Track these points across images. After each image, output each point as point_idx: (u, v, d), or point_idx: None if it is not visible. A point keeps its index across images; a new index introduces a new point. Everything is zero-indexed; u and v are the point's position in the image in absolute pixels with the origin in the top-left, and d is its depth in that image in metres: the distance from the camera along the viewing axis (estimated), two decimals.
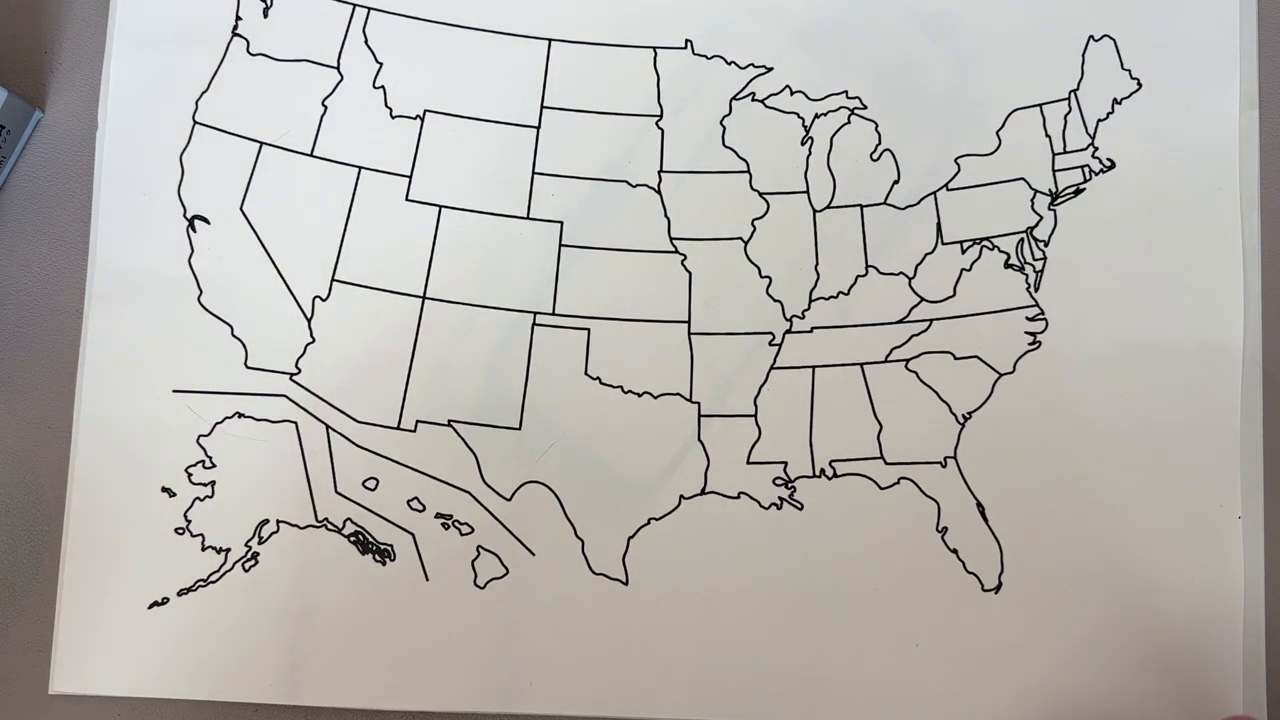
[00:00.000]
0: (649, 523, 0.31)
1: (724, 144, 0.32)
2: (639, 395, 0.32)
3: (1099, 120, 0.33)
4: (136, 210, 0.32)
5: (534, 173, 0.32)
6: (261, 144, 0.32)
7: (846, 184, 0.32)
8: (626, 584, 0.31)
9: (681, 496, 0.31)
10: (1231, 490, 0.31)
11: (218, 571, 0.31)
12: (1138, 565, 0.31)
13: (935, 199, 0.32)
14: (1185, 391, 0.32)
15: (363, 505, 0.31)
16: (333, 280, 0.32)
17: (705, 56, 0.33)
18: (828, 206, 0.32)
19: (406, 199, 0.32)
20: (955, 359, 0.32)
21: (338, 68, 0.33)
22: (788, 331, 0.32)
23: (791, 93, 0.33)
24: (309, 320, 0.32)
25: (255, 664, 0.31)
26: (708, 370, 0.32)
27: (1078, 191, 0.32)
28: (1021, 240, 0.32)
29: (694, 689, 0.31)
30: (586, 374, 0.32)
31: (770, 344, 0.32)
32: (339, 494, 0.31)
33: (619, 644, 0.31)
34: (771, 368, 0.32)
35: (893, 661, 0.31)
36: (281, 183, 0.32)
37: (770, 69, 0.33)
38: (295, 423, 0.32)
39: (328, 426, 0.32)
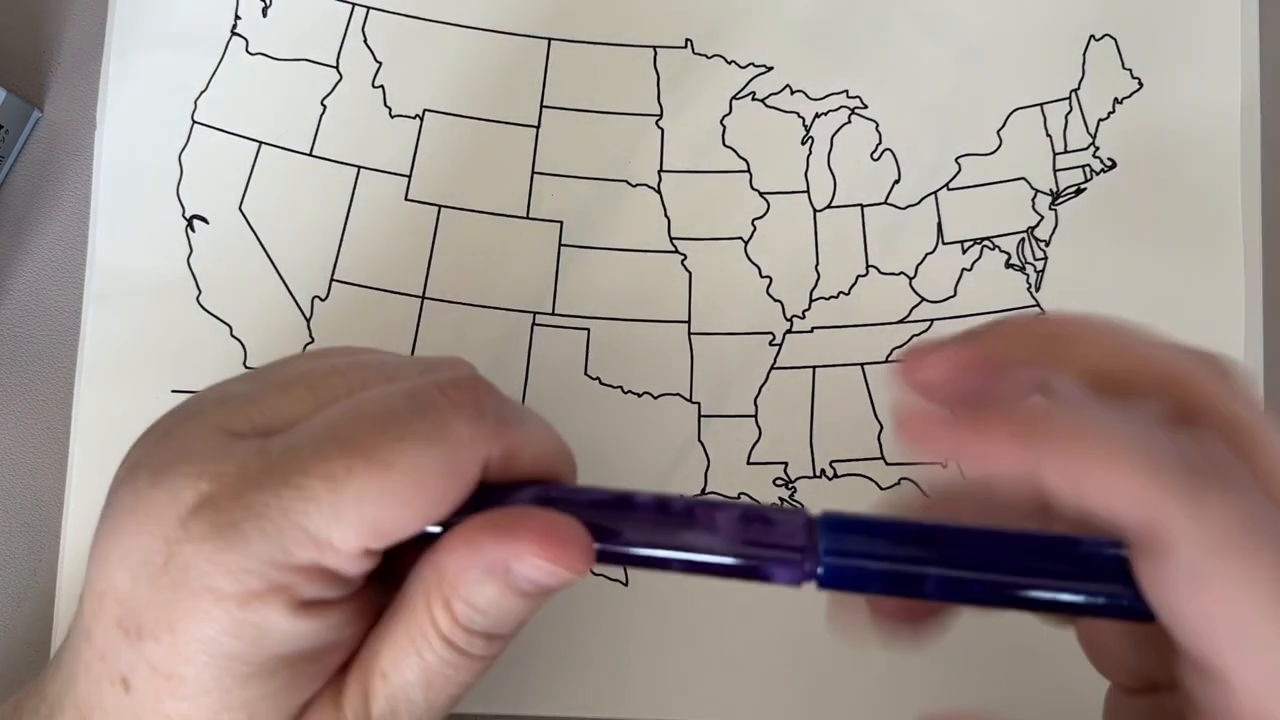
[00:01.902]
0: None
1: (724, 143, 0.32)
2: (639, 395, 0.32)
3: (1100, 120, 0.33)
4: (135, 210, 0.32)
5: (533, 172, 0.32)
6: (260, 143, 0.32)
7: (847, 183, 0.32)
8: (626, 585, 0.31)
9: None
10: None
11: None
12: None
13: (936, 199, 0.32)
14: None
15: None
16: (332, 280, 0.32)
17: (705, 56, 0.33)
18: (828, 206, 0.32)
19: (406, 199, 0.32)
20: None
21: (337, 67, 0.33)
22: (788, 331, 0.32)
23: (792, 92, 0.33)
24: (308, 320, 0.32)
25: None
26: (708, 370, 0.32)
27: (1079, 191, 0.32)
28: (1022, 240, 0.32)
29: (694, 690, 0.31)
30: (586, 374, 0.32)
31: (770, 344, 0.32)
32: None
33: (619, 645, 0.31)
34: (772, 368, 0.32)
35: (893, 662, 0.31)
36: (280, 182, 0.32)
37: (770, 68, 0.33)
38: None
39: None
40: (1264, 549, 0.17)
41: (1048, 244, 0.32)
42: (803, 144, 0.32)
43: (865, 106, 0.33)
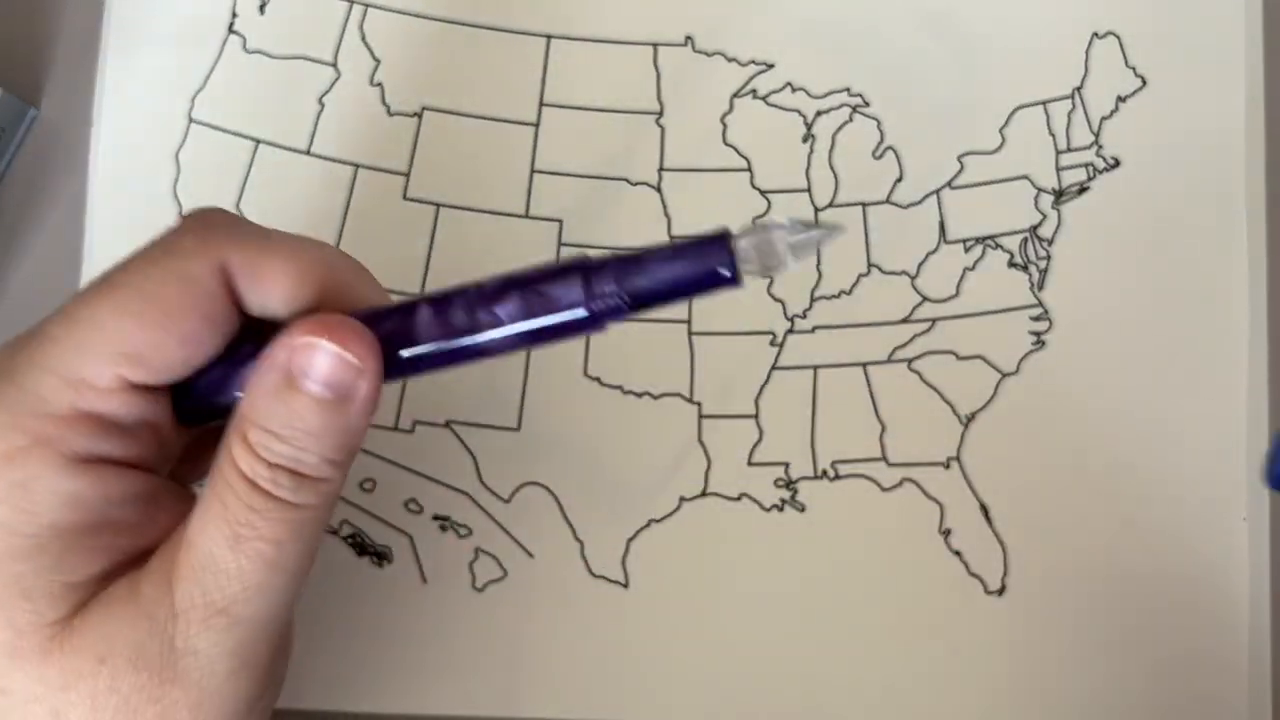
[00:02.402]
0: (649, 525, 0.31)
1: (725, 141, 0.32)
2: (639, 395, 0.31)
3: (1103, 118, 0.32)
4: (131, 209, 0.32)
5: (533, 170, 0.32)
6: (258, 142, 0.32)
7: (849, 182, 0.32)
8: (626, 586, 0.31)
9: (682, 498, 0.31)
10: (1237, 491, 0.31)
11: None
12: (1142, 566, 0.31)
13: (938, 197, 0.32)
14: (1190, 391, 0.31)
15: (360, 507, 0.31)
16: None
17: (706, 53, 0.32)
18: (830, 205, 0.32)
19: (404, 197, 0.32)
20: (959, 359, 0.31)
21: (335, 64, 0.32)
22: (789, 331, 0.32)
23: (793, 90, 0.32)
24: None
25: None
26: (708, 370, 0.32)
27: (1082, 190, 0.32)
28: (1025, 239, 0.32)
29: (694, 692, 0.30)
30: (586, 374, 0.31)
31: (772, 344, 0.32)
32: None
33: (619, 647, 0.30)
34: (773, 368, 0.32)
35: (895, 664, 0.30)
36: (278, 181, 0.32)
37: (772, 66, 0.32)
38: None
39: None
40: None
41: (1051, 243, 0.32)
42: (804, 142, 0.32)
43: (867, 104, 0.32)
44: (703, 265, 0.21)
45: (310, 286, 0.21)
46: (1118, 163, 0.32)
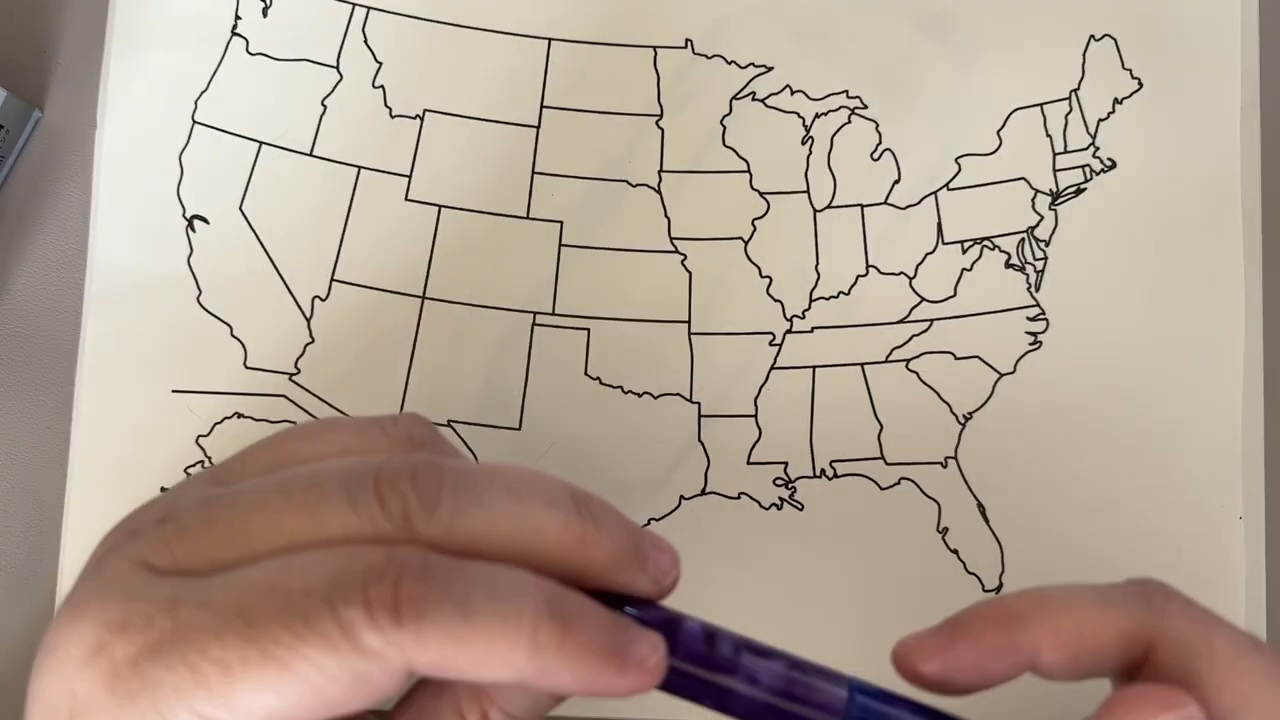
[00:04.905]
0: (649, 523, 0.31)
1: (724, 143, 0.32)
2: (639, 395, 0.32)
3: (1100, 120, 0.33)
4: (135, 210, 0.32)
5: (534, 172, 0.32)
6: (261, 143, 0.32)
7: (847, 183, 0.32)
8: None
9: (681, 497, 0.31)
10: (1233, 490, 0.31)
11: None
12: (1138, 565, 0.31)
13: (936, 199, 0.32)
14: (1186, 391, 0.32)
15: None
16: (332, 280, 0.32)
17: (705, 56, 0.33)
18: (828, 206, 0.32)
19: (406, 199, 0.32)
20: (956, 359, 0.32)
21: (337, 67, 0.33)
22: (788, 331, 0.32)
23: (792, 92, 0.33)
24: (308, 320, 0.32)
25: None
26: (708, 370, 0.32)
27: (1079, 191, 0.32)
28: (1022, 240, 0.32)
29: None
30: (586, 374, 0.32)
31: (770, 344, 0.32)
32: None
33: None
34: (772, 368, 0.32)
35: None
36: (281, 182, 0.32)
37: (770, 68, 0.33)
38: (294, 423, 0.31)
39: None
40: (1235, 628, 0.21)
41: (1047, 244, 0.32)
42: (803, 144, 0.32)
43: (865, 106, 0.32)
44: None
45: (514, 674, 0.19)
46: (1114, 164, 0.32)
